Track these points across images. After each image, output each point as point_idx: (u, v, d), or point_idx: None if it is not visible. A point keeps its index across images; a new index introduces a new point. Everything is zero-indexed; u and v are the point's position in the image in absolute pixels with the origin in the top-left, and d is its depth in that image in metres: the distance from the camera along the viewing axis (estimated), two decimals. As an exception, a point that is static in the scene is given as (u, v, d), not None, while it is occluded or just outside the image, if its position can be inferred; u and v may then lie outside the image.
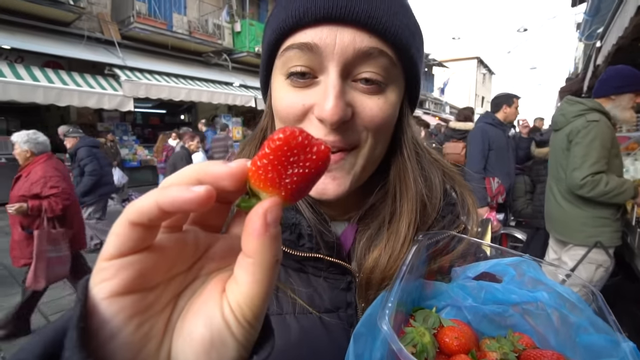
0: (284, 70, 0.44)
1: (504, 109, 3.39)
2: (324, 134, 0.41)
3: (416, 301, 0.48)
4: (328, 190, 0.44)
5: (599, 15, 6.27)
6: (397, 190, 0.49)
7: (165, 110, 12.21)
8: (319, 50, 0.40)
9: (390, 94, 0.44)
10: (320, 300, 0.48)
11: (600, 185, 2.06)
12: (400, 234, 0.47)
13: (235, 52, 11.31)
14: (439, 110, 27.43)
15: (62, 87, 7.00)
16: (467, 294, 0.47)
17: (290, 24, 0.41)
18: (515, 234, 3.79)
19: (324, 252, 0.47)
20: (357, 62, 0.41)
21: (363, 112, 0.42)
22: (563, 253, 2.43)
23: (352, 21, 0.39)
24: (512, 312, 0.45)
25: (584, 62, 8.71)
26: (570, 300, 0.42)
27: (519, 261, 0.46)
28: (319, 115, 0.41)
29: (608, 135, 2.13)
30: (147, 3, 9.33)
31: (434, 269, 0.48)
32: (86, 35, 8.14)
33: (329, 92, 0.40)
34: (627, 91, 2.18)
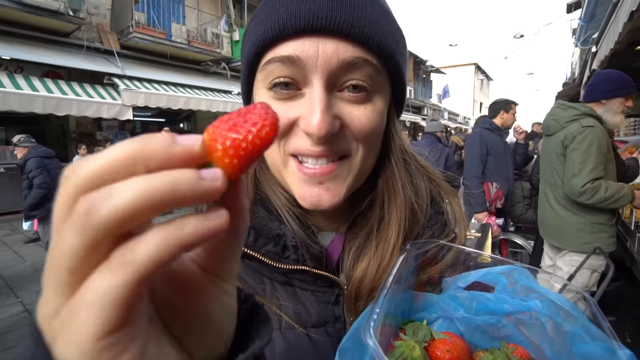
0: (266, 83, 0.42)
1: (501, 114, 3.40)
2: (310, 145, 0.40)
3: (406, 313, 0.46)
4: (323, 202, 0.43)
5: (594, 21, 6.33)
6: (385, 198, 0.48)
7: (164, 118, 12.25)
8: (302, 62, 0.39)
9: (377, 102, 0.43)
10: (307, 315, 0.46)
11: (600, 191, 2.05)
12: (389, 241, 0.46)
13: (234, 61, 11.39)
14: (438, 117, 27.54)
15: (61, 96, 7.02)
16: (458, 305, 0.45)
17: (271, 36, 0.40)
18: (514, 239, 3.78)
19: (310, 264, 0.46)
20: (342, 72, 0.40)
21: (352, 123, 0.41)
22: (558, 259, 2.42)
23: (334, 31, 0.38)
24: (506, 323, 0.44)
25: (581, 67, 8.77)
26: (564, 308, 0.41)
27: (510, 269, 0.45)
28: (305, 129, 0.40)
29: (604, 140, 2.12)
30: (146, 13, 9.42)
31: (424, 280, 0.47)
32: (85, 45, 8.19)
33: (315, 106, 0.39)
34: (617, 95, 2.19)
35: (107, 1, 9.16)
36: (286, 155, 0.43)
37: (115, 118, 8.13)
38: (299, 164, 0.42)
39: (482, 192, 3.22)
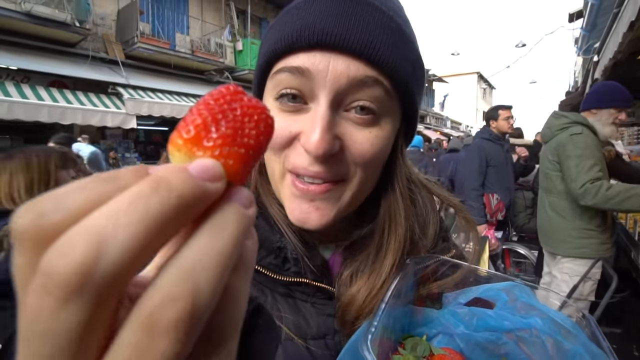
0: (274, 92, 0.42)
1: (492, 123, 3.38)
2: (308, 164, 0.40)
3: (406, 328, 0.46)
4: (310, 220, 0.42)
5: (596, 31, 6.36)
6: (386, 227, 0.47)
7: (167, 127, 12.34)
8: (311, 75, 0.39)
9: (384, 127, 0.42)
10: (307, 327, 0.46)
11: (602, 190, 1.99)
12: (382, 273, 0.45)
13: (237, 70, 11.50)
14: (440, 125, 27.59)
15: (66, 105, 7.11)
16: (458, 321, 0.45)
17: (283, 47, 0.40)
18: (517, 249, 3.75)
19: (310, 277, 0.46)
20: (350, 90, 0.39)
21: (353, 146, 0.40)
22: (553, 266, 2.42)
23: (346, 49, 0.38)
24: (506, 340, 0.44)
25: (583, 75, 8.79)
26: (564, 326, 0.41)
27: (511, 286, 0.45)
28: (304, 145, 0.39)
29: (593, 146, 2.14)
30: (151, 24, 9.56)
31: (424, 295, 0.46)
32: (91, 55, 8.31)
33: (316, 124, 0.38)
34: (607, 106, 2.19)
35: (112, 12, 9.32)
36: (285, 169, 0.42)
37: (119, 127, 8.21)
38: (295, 179, 0.41)
39: (482, 205, 3.18)
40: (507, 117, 3.33)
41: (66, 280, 0.11)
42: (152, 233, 0.13)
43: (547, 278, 2.55)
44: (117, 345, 0.13)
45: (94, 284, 0.11)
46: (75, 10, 7.51)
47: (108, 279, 0.12)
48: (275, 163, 0.43)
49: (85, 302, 0.11)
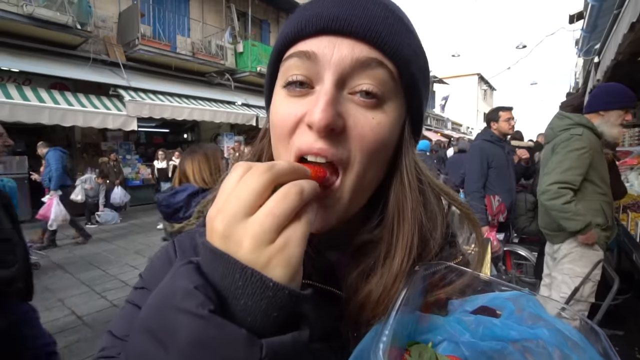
0: (283, 80, 0.44)
1: (492, 125, 3.39)
2: (313, 140, 0.40)
3: (412, 335, 0.45)
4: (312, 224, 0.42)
5: (596, 32, 6.35)
6: (395, 224, 0.46)
7: (168, 129, 12.36)
8: (317, 58, 0.40)
9: (389, 112, 0.43)
10: (311, 330, 0.46)
11: (560, 199, 2.10)
12: (393, 270, 0.45)
13: (238, 72, 11.52)
14: (441, 127, 27.60)
15: (67, 107, 7.14)
16: (464, 329, 0.44)
17: (293, 34, 0.42)
18: (518, 251, 3.74)
19: (314, 279, 0.45)
20: (355, 72, 0.41)
21: (354, 127, 0.41)
22: (553, 268, 2.42)
23: (351, 33, 0.40)
24: (512, 350, 0.43)
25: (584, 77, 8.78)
26: (572, 338, 0.40)
27: (517, 295, 0.44)
28: (308, 120, 0.40)
29: (590, 149, 2.16)
30: (152, 26, 9.59)
31: (431, 302, 0.46)
32: (92, 57, 8.34)
33: (320, 98, 0.39)
34: (615, 107, 2.21)
35: (114, 15, 9.35)
36: (292, 156, 0.42)
37: (120, 129, 8.22)
38: None
39: (483, 207, 3.17)
40: (508, 118, 3.32)
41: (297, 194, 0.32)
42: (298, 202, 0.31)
43: (547, 280, 2.55)
44: (272, 197, 0.30)
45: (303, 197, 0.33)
46: (76, 12, 7.53)
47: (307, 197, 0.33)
48: (283, 152, 0.44)
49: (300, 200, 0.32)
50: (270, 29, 13.50)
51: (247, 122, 10.74)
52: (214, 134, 12.12)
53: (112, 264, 5.30)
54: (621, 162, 3.81)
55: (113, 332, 0.46)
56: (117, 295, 4.17)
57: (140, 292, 0.49)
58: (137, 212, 9.27)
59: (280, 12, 13.54)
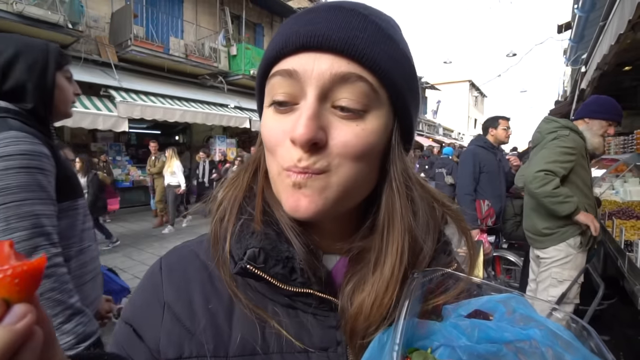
0: (269, 99, 0.45)
1: (490, 132, 3.48)
2: (297, 159, 0.41)
3: (410, 341, 0.46)
4: (300, 208, 0.42)
5: (583, 42, 6.51)
6: (385, 229, 0.47)
7: (159, 131, 12.26)
8: (299, 75, 0.41)
9: (371, 121, 0.43)
10: (309, 338, 0.46)
11: (549, 185, 2.15)
12: (384, 277, 0.45)
13: (231, 75, 11.50)
14: (433, 132, 27.86)
15: (57, 108, 7.02)
16: (460, 333, 0.45)
17: (274, 53, 0.43)
18: (507, 256, 3.79)
19: (315, 288, 0.46)
20: (335, 86, 0.41)
21: (337, 137, 0.41)
22: (538, 272, 2.47)
23: (329, 48, 0.41)
24: (507, 351, 0.44)
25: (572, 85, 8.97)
26: (563, 337, 0.41)
27: (507, 297, 0.46)
28: (291, 136, 0.41)
29: (574, 148, 2.24)
30: (145, 27, 9.53)
31: (429, 309, 0.47)
32: (83, 57, 8.24)
33: (302, 113, 0.40)
34: (599, 117, 2.31)
35: (106, 15, 9.26)
36: (280, 168, 0.43)
37: (110, 130, 8.13)
38: (286, 172, 0.43)
39: (474, 210, 3.23)
40: (506, 127, 3.45)
41: None
42: None
43: (532, 285, 2.59)
44: None
45: None
46: (68, 12, 7.45)
47: None
48: (273, 163, 0.45)
49: None
50: (264, 32, 13.51)
51: (240, 125, 10.71)
52: (206, 136, 12.05)
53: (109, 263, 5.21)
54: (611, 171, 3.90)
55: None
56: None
57: (126, 330, 0.47)
58: (126, 215, 9.14)
59: (274, 15, 13.57)
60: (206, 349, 0.44)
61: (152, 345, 0.45)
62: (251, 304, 0.45)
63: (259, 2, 12.47)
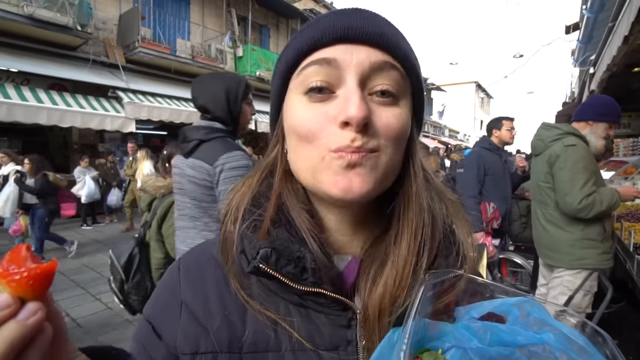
0: (302, 88, 0.45)
1: (494, 133, 3.44)
2: (350, 140, 0.42)
3: (421, 342, 0.46)
4: (353, 187, 0.43)
5: (592, 43, 6.46)
6: (402, 207, 0.49)
7: (166, 131, 12.34)
8: (337, 64, 0.43)
9: (403, 107, 0.47)
10: (320, 337, 0.47)
11: (596, 205, 2.08)
12: (402, 252, 0.47)
13: (237, 76, 11.55)
14: (438, 134, 27.76)
15: (65, 108, 7.11)
16: (472, 335, 0.45)
17: (310, 44, 0.45)
18: (514, 258, 3.76)
19: (326, 287, 0.46)
20: (372, 74, 0.44)
21: (380, 120, 0.44)
22: (550, 279, 2.41)
23: (366, 40, 0.44)
24: (519, 355, 0.44)
25: (579, 87, 8.90)
26: (577, 343, 0.41)
27: (522, 301, 0.46)
28: (344, 117, 0.42)
29: (588, 157, 2.16)
30: (152, 29, 9.62)
31: (440, 309, 0.47)
32: (92, 59, 8.34)
33: (351, 96, 0.42)
34: (603, 120, 2.23)
35: (114, 17, 9.37)
36: (323, 154, 0.44)
37: (118, 130, 8.20)
38: (337, 155, 0.43)
39: (479, 212, 3.20)
40: (510, 127, 3.40)
41: None
42: None
43: (542, 289, 2.55)
44: None
45: None
46: (77, 14, 7.54)
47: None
48: (312, 152, 0.45)
49: None
50: (269, 34, 13.57)
51: (246, 125, 10.75)
52: (211, 137, 12.11)
53: (107, 266, 5.23)
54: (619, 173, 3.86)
55: None
56: (111, 298, 4.10)
57: (146, 329, 0.50)
58: (132, 214, 9.21)
59: (280, 17, 13.62)
60: (221, 345, 0.46)
61: (170, 342, 0.47)
62: (262, 307, 0.47)
63: (265, 4, 12.53)
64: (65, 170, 9.12)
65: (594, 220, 2.17)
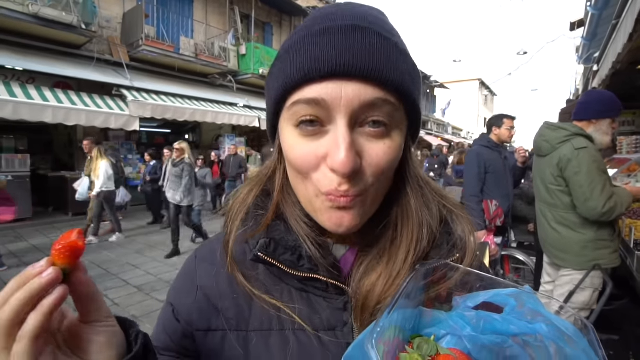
0: (293, 121, 0.45)
1: (494, 130, 3.40)
2: (337, 184, 0.43)
3: (416, 328, 0.48)
4: (344, 223, 0.46)
5: (596, 40, 6.41)
6: (399, 221, 0.52)
7: (170, 129, 12.39)
8: (327, 104, 0.42)
9: (395, 137, 0.46)
10: (318, 319, 0.51)
11: (618, 207, 2.08)
12: (399, 259, 0.50)
13: (240, 74, 11.57)
14: (442, 131, 27.65)
15: (70, 107, 7.16)
16: (466, 323, 0.47)
17: (297, 79, 0.43)
18: (516, 255, 3.77)
19: (322, 273, 0.50)
20: (363, 111, 0.43)
21: (370, 158, 0.44)
22: (558, 278, 2.40)
23: (356, 76, 0.41)
24: (512, 343, 0.46)
25: (584, 84, 8.84)
26: (567, 333, 0.43)
27: (518, 292, 0.47)
28: (332, 166, 0.42)
29: (600, 158, 2.15)
30: (156, 27, 9.64)
31: (432, 297, 0.49)
32: (96, 57, 8.39)
33: (340, 144, 0.42)
34: (607, 116, 2.21)
35: (118, 15, 9.40)
36: (318, 191, 0.46)
37: (122, 128, 8.25)
38: (327, 196, 0.45)
39: (481, 211, 3.20)
40: (511, 127, 3.37)
41: None
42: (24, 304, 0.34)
43: (548, 287, 2.54)
44: None
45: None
46: (81, 12, 7.58)
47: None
48: (308, 186, 0.47)
49: None
50: (273, 31, 13.56)
51: (249, 124, 10.78)
52: (215, 135, 12.15)
53: (113, 262, 5.32)
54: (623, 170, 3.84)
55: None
56: (118, 294, 4.19)
57: (167, 310, 0.57)
58: (137, 212, 9.28)
59: (283, 15, 13.61)
60: (229, 324, 0.52)
61: (187, 319, 0.54)
62: (266, 295, 0.51)
63: (268, 2, 12.53)
64: (71, 168, 9.22)
65: (607, 221, 2.15)
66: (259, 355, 0.50)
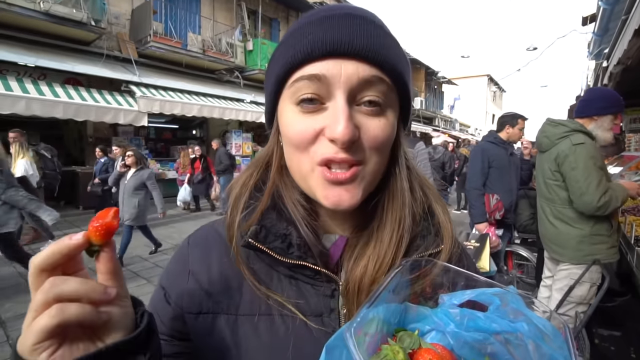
0: (294, 99, 0.48)
1: (506, 129, 3.41)
2: (334, 152, 0.46)
3: (401, 323, 0.51)
4: (343, 202, 0.48)
5: (607, 35, 6.28)
6: (386, 200, 0.55)
7: (177, 125, 12.50)
8: (327, 80, 0.45)
9: (389, 115, 0.49)
10: (307, 305, 0.53)
11: (613, 202, 2.11)
12: (384, 241, 0.52)
13: (247, 70, 11.59)
14: (449, 128, 27.39)
15: (80, 102, 7.27)
16: (450, 320, 0.49)
17: (300, 58, 0.46)
18: (520, 251, 3.76)
19: (310, 261, 0.52)
20: (360, 88, 0.46)
21: (367, 132, 0.47)
22: (557, 272, 2.43)
23: (354, 54, 0.45)
24: (494, 341, 0.48)
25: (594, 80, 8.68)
26: (545, 332, 0.45)
27: (503, 292, 0.49)
28: (331, 136, 0.45)
29: (597, 154, 2.17)
30: (164, 23, 9.69)
31: (418, 292, 0.51)
32: (105, 53, 8.48)
33: (339, 116, 0.45)
34: (608, 112, 2.23)
35: (127, 12, 9.47)
36: (314, 164, 0.48)
37: (131, 124, 8.35)
38: (324, 170, 0.47)
39: (482, 204, 3.25)
40: (522, 128, 3.40)
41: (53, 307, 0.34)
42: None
43: (548, 281, 2.56)
44: (30, 306, 0.34)
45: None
46: (91, 9, 7.67)
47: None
48: (304, 159, 0.49)
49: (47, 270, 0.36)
50: (280, 27, 13.53)
51: (256, 119, 10.81)
52: (222, 130, 12.22)
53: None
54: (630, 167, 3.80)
55: None
56: (128, 285, 4.26)
57: (159, 294, 0.58)
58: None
59: (290, 10, 13.57)
60: (219, 307, 0.53)
61: (178, 303, 0.55)
62: (255, 280, 0.53)
63: (275, -3, 12.50)
64: (81, 163, 9.37)
65: (603, 216, 2.18)
66: (247, 338, 0.52)
